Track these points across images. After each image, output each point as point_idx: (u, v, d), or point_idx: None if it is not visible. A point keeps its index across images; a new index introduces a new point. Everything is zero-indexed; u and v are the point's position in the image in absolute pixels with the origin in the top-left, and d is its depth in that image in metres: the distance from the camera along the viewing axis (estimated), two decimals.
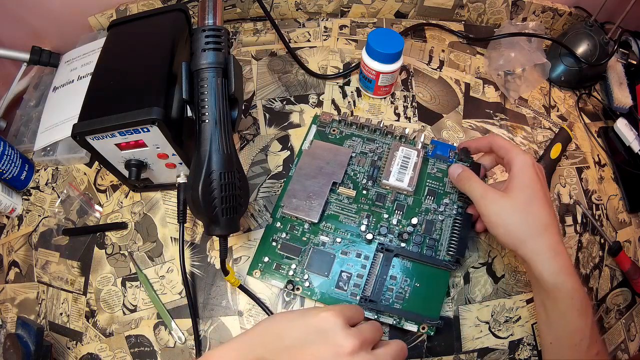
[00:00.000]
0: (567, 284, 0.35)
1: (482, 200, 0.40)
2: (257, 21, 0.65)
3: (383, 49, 0.50)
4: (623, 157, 0.55)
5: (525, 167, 0.39)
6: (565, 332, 0.36)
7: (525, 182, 0.38)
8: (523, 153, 0.40)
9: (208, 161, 0.38)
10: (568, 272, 0.36)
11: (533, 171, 0.39)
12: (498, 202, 0.38)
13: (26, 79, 0.64)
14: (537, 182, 0.38)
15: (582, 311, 0.35)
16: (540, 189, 0.38)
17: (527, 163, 0.39)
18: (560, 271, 0.36)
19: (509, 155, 0.40)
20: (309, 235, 0.46)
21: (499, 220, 0.38)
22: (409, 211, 0.47)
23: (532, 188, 0.38)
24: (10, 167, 0.52)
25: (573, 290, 0.35)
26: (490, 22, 0.66)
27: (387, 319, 0.42)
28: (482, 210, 0.40)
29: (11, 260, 0.51)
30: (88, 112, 0.41)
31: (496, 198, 0.38)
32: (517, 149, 0.41)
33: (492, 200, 0.39)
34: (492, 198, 0.39)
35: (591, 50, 0.57)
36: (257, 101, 0.57)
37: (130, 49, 0.45)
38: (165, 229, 0.49)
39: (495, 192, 0.39)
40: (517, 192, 0.38)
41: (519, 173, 0.39)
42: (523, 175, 0.38)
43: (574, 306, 0.35)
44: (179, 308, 0.45)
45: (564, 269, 0.36)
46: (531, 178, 0.38)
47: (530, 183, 0.38)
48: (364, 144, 0.51)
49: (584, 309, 0.35)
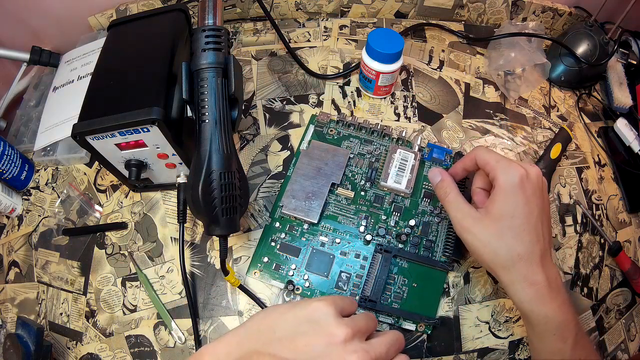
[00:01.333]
0: (541, 312, 0.35)
1: (456, 219, 0.38)
2: (257, 21, 0.65)
3: (383, 49, 0.50)
4: (623, 157, 0.55)
5: (507, 189, 0.35)
6: (545, 352, 0.36)
7: (503, 209, 0.35)
8: (508, 169, 0.36)
9: (208, 161, 0.38)
10: (542, 300, 0.35)
11: (517, 193, 0.35)
12: (473, 227, 0.36)
13: (26, 79, 0.64)
14: (519, 206, 0.35)
15: (559, 335, 0.35)
16: (522, 215, 0.35)
17: (510, 183, 0.35)
18: (532, 300, 0.35)
19: (493, 173, 0.37)
20: (308, 236, 0.46)
21: (472, 245, 0.37)
22: (407, 213, 0.47)
23: (510, 215, 0.35)
24: (10, 167, 0.52)
25: (547, 317, 0.35)
26: (490, 22, 0.66)
27: (385, 318, 0.43)
28: (457, 229, 0.38)
29: (11, 260, 0.51)
30: (88, 112, 0.41)
31: (471, 222, 0.36)
32: (502, 164, 0.36)
33: (468, 223, 0.37)
34: (467, 220, 0.37)
35: (591, 50, 0.57)
36: (257, 101, 0.57)
37: (130, 49, 0.45)
38: (165, 229, 0.49)
39: (470, 214, 0.37)
40: (492, 219, 0.36)
41: (499, 196, 0.36)
42: (504, 198, 0.35)
43: (549, 331, 0.35)
44: (179, 308, 0.45)
45: (538, 298, 0.35)
46: (512, 203, 0.35)
47: (509, 209, 0.35)
48: (361, 145, 0.51)
49: (560, 333, 0.35)
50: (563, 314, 0.35)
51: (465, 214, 0.37)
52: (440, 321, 0.43)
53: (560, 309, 0.35)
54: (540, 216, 0.36)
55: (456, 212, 0.38)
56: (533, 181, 0.36)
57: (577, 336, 0.35)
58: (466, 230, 0.37)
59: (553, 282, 0.35)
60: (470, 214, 0.37)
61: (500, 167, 0.36)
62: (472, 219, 0.37)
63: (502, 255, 0.35)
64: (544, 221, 0.36)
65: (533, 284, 0.35)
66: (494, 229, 0.35)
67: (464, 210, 0.38)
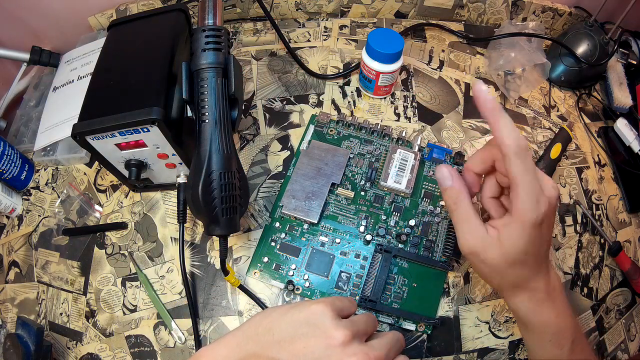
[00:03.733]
0: (538, 320, 0.35)
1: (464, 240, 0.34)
2: (257, 21, 0.65)
3: (383, 49, 0.50)
4: (623, 157, 0.55)
5: (526, 225, 0.31)
6: (542, 358, 0.36)
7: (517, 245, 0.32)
8: (535, 202, 0.30)
9: (208, 161, 0.38)
10: (540, 310, 0.34)
11: (536, 231, 0.31)
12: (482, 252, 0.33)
13: (26, 79, 0.64)
14: (534, 244, 0.32)
15: (556, 342, 0.34)
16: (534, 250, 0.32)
17: (532, 221, 0.31)
18: (529, 309, 0.35)
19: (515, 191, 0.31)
20: (308, 236, 0.46)
21: (477, 267, 0.35)
22: (407, 213, 0.47)
23: (524, 251, 0.32)
24: (10, 167, 0.52)
25: (543, 326, 0.34)
26: (490, 22, 0.66)
27: (385, 318, 0.43)
28: (462, 250, 0.35)
29: (11, 260, 0.51)
30: (88, 112, 0.41)
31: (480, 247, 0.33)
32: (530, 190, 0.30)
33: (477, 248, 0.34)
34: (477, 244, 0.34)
35: (591, 50, 0.57)
36: (257, 101, 0.57)
37: (130, 49, 0.45)
38: (165, 229, 0.49)
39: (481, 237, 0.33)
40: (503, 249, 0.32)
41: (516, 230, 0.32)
42: (520, 234, 0.31)
43: (545, 338, 0.35)
44: (179, 308, 0.45)
45: (535, 308, 0.34)
46: (528, 240, 0.31)
47: (523, 246, 0.32)
48: (361, 145, 0.51)
49: (557, 340, 0.34)
50: (560, 322, 0.34)
51: (475, 236, 0.34)
52: (440, 321, 0.43)
53: (557, 317, 0.34)
54: (550, 239, 0.34)
55: (464, 233, 0.34)
56: (552, 211, 0.32)
57: (574, 343, 0.34)
58: (474, 254, 0.34)
59: (552, 291, 0.34)
60: (481, 236, 0.33)
61: (527, 192, 0.30)
62: (482, 244, 0.33)
63: (509, 281, 0.34)
64: (551, 238, 0.35)
65: (533, 296, 0.34)
66: (503, 259, 0.33)
67: (474, 231, 0.34)
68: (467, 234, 0.34)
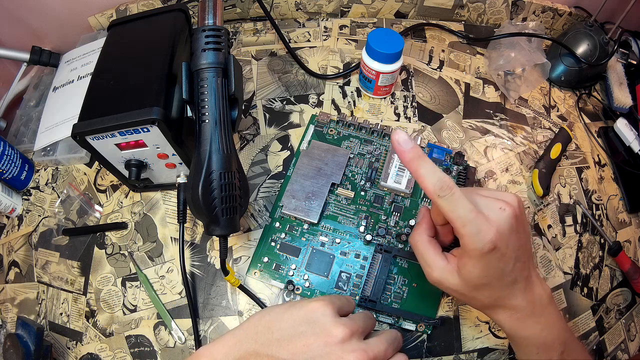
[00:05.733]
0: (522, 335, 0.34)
1: (425, 271, 0.35)
2: (257, 21, 0.65)
3: (383, 49, 0.50)
4: (623, 157, 0.55)
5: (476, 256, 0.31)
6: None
7: (474, 273, 0.32)
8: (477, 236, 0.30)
9: (208, 161, 0.38)
10: (524, 325, 0.34)
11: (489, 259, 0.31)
12: (444, 281, 0.34)
13: (26, 79, 0.64)
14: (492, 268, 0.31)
15: (544, 353, 0.34)
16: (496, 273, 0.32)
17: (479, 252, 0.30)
18: (513, 326, 0.34)
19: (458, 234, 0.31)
20: (308, 236, 0.46)
21: (447, 291, 0.35)
22: (407, 213, 0.47)
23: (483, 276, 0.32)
24: (10, 167, 0.52)
25: (529, 339, 0.34)
26: (490, 22, 0.66)
27: (385, 318, 0.43)
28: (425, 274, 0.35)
29: (11, 260, 0.51)
30: (88, 112, 0.41)
31: (440, 275, 0.34)
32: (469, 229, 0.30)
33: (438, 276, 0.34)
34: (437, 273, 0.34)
35: (591, 50, 0.57)
36: (257, 101, 0.57)
37: (130, 49, 0.45)
38: (165, 229, 0.49)
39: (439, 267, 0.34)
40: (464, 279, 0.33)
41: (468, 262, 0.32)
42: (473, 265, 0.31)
43: (532, 351, 0.35)
44: (179, 308, 0.45)
45: (519, 324, 0.34)
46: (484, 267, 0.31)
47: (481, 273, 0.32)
48: (361, 145, 0.51)
49: (545, 352, 0.34)
50: (547, 335, 0.34)
51: (435, 267, 0.34)
52: (440, 321, 0.43)
53: (542, 331, 0.34)
54: (517, 255, 0.32)
55: (425, 266, 0.35)
56: (506, 234, 0.31)
57: (563, 353, 0.34)
58: (438, 283, 0.34)
59: (537, 304, 0.34)
60: (441, 267, 0.34)
61: (463, 226, 0.30)
62: (443, 274, 0.34)
63: (480, 301, 0.34)
64: (523, 251, 0.32)
65: (514, 313, 0.34)
66: (467, 284, 0.33)
67: (433, 263, 0.34)
68: (427, 267, 0.35)
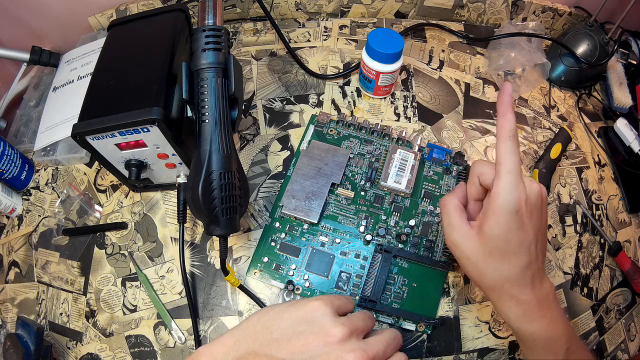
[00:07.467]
0: (528, 329, 0.34)
1: (446, 232, 0.36)
2: (257, 21, 0.65)
3: (383, 49, 0.50)
4: (623, 157, 0.55)
5: (502, 213, 0.32)
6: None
7: (495, 231, 0.32)
8: (507, 192, 0.31)
9: (208, 161, 0.38)
10: (530, 319, 0.34)
11: (513, 218, 0.32)
12: (462, 243, 0.34)
13: (26, 79, 0.64)
14: (512, 231, 0.32)
15: (549, 350, 0.34)
16: (515, 239, 0.32)
17: (507, 209, 0.31)
18: (519, 319, 0.34)
19: (491, 190, 0.33)
20: (308, 236, 0.46)
21: (460, 260, 0.36)
22: (406, 213, 0.47)
23: (502, 238, 0.32)
24: (10, 167, 0.52)
25: (535, 334, 0.34)
26: (490, 22, 0.66)
27: (385, 318, 0.43)
28: (446, 242, 0.36)
29: (11, 260, 0.51)
30: (88, 112, 0.41)
31: (460, 237, 0.34)
32: (502, 185, 0.32)
33: (456, 238, 0.35)
34: (457, 234, 0.35)
35: (591, 50, 0.57)
36: (257, 101, 0.57)
37: (130, 49, 0.45)
38: (165, 229, 0.49)
39: (461, 229, 0.34)
40: (483, 239, 0.33)
41: (493, 218, 0.32)
42: (497, 221, 0.32)
43: (538, 346, 0.34)
44: (179, 308, 0.45)
45: (525, 317, 0.34)
46: (506, 227, 0.32)
47: (502, 233, 0.32)
48: (361, 145, 0.51)
49: (550, 348, 0.34)
50: (552, 330, 0.34)
51: (455, 227, 0.35)
52: (440, 321, 0.43)
53: (549, 326, 0.34)
54: (536, 237, 0.33)
55: (447, 225, 0.36)
56: (532, 203, 0.33)
57: (569, 350, 0.34)
58: (454, 244, 0.35)
59: (544, 300, 0.34)
60: (461, 228, 0.35)
61: (499, 187, 0.32)
62: (462, 234, 0.34)
63: (489, 276, 0.34)
64: (539, 239, 0.34)
65: (521, 303, 0.34)
66: (483, 249, 0.33)
67: (454, 223, 0.35)
68: (448, 227, 0.35)
